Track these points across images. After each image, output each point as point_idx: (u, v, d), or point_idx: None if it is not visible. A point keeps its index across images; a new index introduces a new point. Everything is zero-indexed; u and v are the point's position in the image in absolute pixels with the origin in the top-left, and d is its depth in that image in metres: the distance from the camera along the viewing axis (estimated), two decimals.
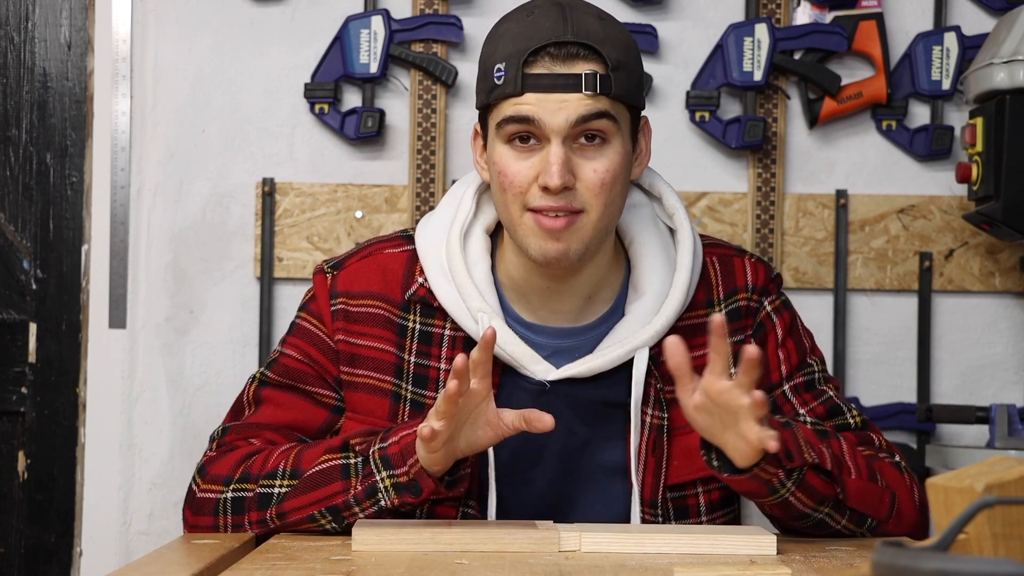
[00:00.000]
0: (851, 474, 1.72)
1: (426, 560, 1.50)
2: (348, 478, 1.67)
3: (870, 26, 2.74)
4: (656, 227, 1.87)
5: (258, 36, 2.76)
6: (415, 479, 1.64)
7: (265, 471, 1.74)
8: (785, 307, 1.91)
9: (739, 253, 1.92)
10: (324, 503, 1.68)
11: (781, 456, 1.61)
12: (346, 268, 1.88)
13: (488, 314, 1.78)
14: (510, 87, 1.71)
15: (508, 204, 1.74)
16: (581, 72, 1.70)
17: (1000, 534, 1.01)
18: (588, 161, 1.72)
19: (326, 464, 1.70)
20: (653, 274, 1.82)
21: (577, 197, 1.72)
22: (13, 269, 2.76)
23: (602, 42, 1.71)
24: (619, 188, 1.75)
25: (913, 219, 2.76)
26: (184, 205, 2.76)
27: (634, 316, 1.81)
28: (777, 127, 2.74)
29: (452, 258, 1.81)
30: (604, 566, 1.47)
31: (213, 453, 1.82)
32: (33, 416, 2.76)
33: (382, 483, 1.65)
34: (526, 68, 1.70)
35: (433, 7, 2.74)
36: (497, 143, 1.75)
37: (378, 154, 2.76)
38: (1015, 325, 2.78)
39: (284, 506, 1.70)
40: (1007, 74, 2.42)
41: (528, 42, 1.71)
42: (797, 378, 1.87)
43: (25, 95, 2.77)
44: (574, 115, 1.69)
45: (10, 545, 2.75)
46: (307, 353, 1.85)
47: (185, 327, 2.75)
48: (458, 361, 1.57)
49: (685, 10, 2.76)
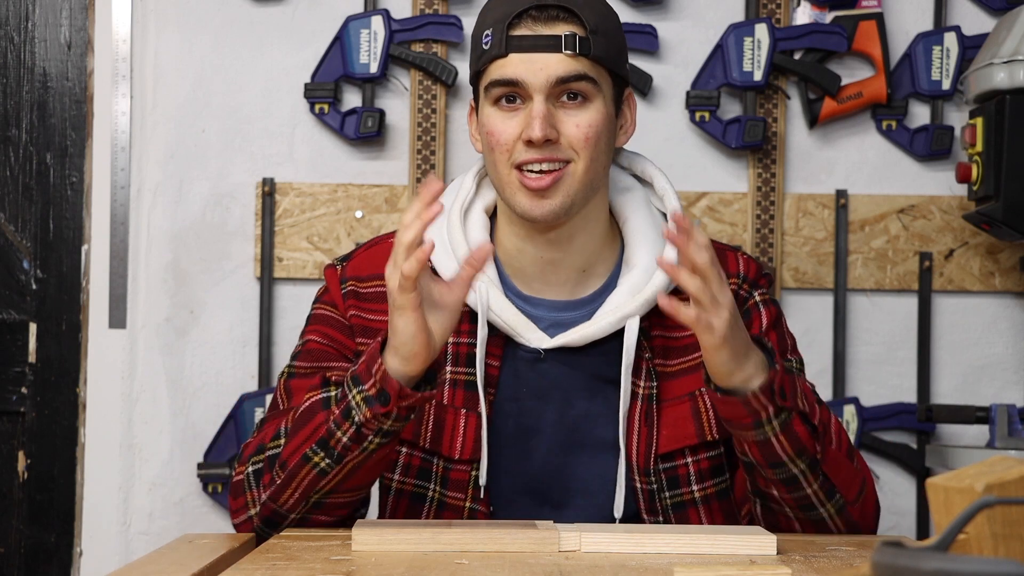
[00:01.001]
0: (832, 443, 1.78)
1: (426, 560, 1.50)
2: (328, 407, 1.71)
3: (870, 26, 2.74)
4: (649, 209, 1.95)
5: (258, 36, 2.76)
6: (381, 385, 1.65)
7: (271, 439, 1.77)
8: (773, 303, 1.98)
9: (733, 249, 2.00)
10: (312, 439, 1.72)
11: (775, 390, 1.66)
12: (353, 259, 1.96)
13: (485, 283, 1.86)
14: (495, 49, 1.81)
15: (497, 163, 1.84)
16: (561, 33, 1.79)
17: (1000, 534, 1.01)
18: (570, 117, 1.81)
19: (309, 401, 1.75)
20: (644, 248, 1.90)
21: (561, 150, 1.81)
22: (13, 269, 2.76)
23: (582, 7, 1.81)
24: (603, 146, 1.84)
25: (913, 219, 2.76)
26: (184, 205, 2.76)
27: (625, 287, 1.88)
28: (777, 127, 2.74)
29: (452, 231, 1.89)
30: (604, 566, 1.47)
31: (251, 440, 1.85)
32: (33, 416, 2.76)
33: (354, 400, 1.68)
34: (510, 31, 1.80)
35: (433, 7, 2.74)
36: (486, 106, 1.85)
37: (378, 154, 2.76)
38: (1015, 325, 2.78)
39: (283, 455, 1.74)
40: (1007, 74, 2.42)
41: (512, 6, 1.81)
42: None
43: (25, 95, 2.77)
44: (554, 75, 1.79)
45: (10, 545, 2.75)
46: (325, 334, 1.92)
47: (185, 327, 2.75)
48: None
49: (685, 10, 2.76)
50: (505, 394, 1.88)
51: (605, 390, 1.89)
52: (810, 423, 1.72)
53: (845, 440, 1.81)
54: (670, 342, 1.90)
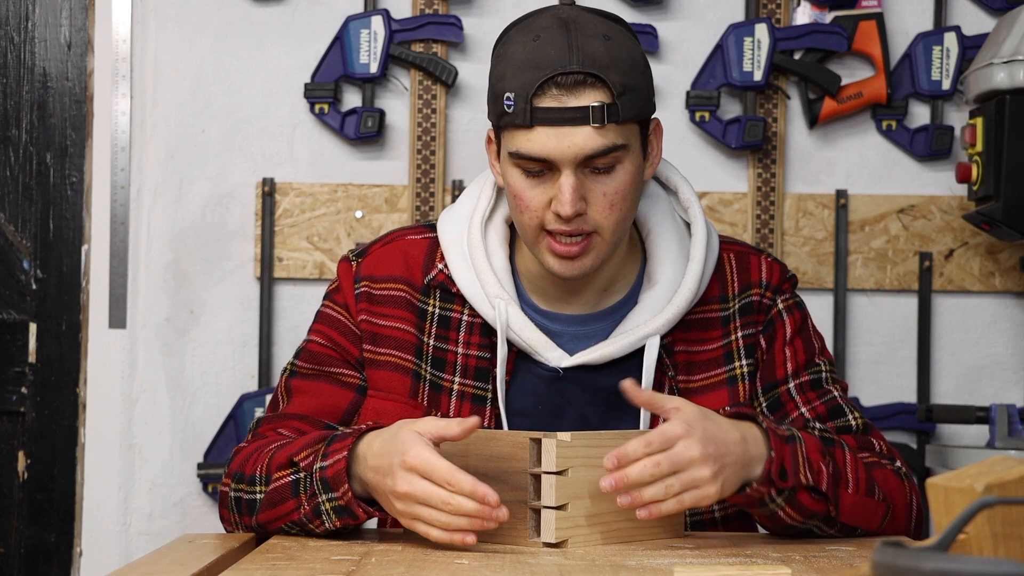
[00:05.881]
0: (848, 487, 1.72)
1: (426, 560, 1.50)
2: (298, 495, 1.68)
3: (870, 26, 2.74)
4: (673, 220, 1.91)
5: (258, 36, 2.76)
6: (347, 505, 1.64)
7: (251, 474, 1.76)
8: (798, 307, 1.92)
9: (756, 252, 1.95)
10: (286, 519, 1.70)
11: (775, 476, 1.63)
12: (369, 255, 1.92)
13: (505, 300, 1.83)
14: (520, 119, 1.74)
15: (524, 225, 1.80)
16: (588, 104, 1.72)
17: (1000, 534, 1.01)
18: (599, 184, 1.76)
19: (279, 482, 1.71)
20: (667, 264, 1.86)
21: (588, 220, 1.76)
22: (13, 269, 2.76)
23: (607, 68, 1.73)
24: (630, 202, 1.79)
25: (913, 219, 2.76)
26: (184, 205, 2.76)
27: (647, 305, 1.85)
28: (777, 127, 2.74)
29: (473, 246, 1.86)
30: (604, 566, 1.47)
31: (245, 444, 1.84)
32: (33, 416, 2.76)
33: (323, 505, 1.66)
34: (535, 101, 1.73)
35: (433, 7, 2.74)
36: (509, 165, 1.79)
37: (378, 154, 2.76)
38: (1015, 325, 2.78)
39: (260, 518, 1.73)
40: (1007, 74, 2.42)
41: (535, 72, 1.73)
42: (803, 376, 1.88)
43: (25, 95, 2.77)
44: (581, 153, 1.73)
45: (10, 545, 2.75)
46: (329, 337, 1.89)
47: (185, 327, 2.75)
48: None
49: (685, 10, 2.77)
50: (518, 409, 1.85)
51: (626, 404, 1.80)
52: (818, 491, 1.68)
53: (863, 473, 1.75)
54: (693, 356, 1.86)
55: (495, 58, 1.81)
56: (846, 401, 1.88)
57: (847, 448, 1.77)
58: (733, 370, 1.86)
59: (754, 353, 1.87)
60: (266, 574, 1.41)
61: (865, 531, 1.75)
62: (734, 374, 1.86)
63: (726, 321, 1.87)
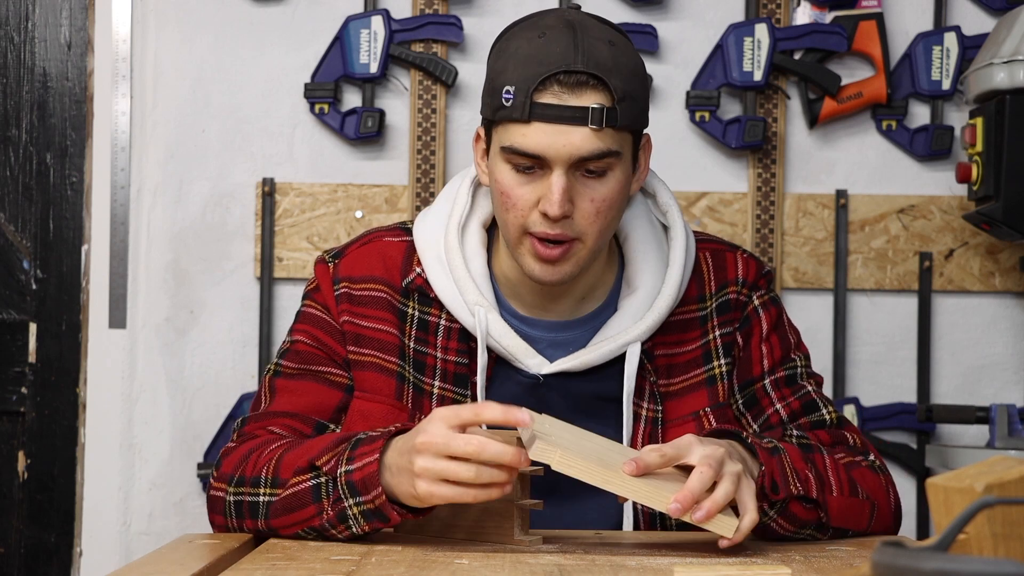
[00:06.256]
0: (833, 491, 1.73)
1: (426, 560, 1.50)
2: (320, 500, 1.66)
3: (870, 26, 2.74)
4: (651, 224, 1.90)
5: (258, 36, 2.76)
6: (380, 508, 1.63)
7: (253, 475, 1.73)
8: (773, 303, 1.93)
9: (732, 248, 1.94)
10: (303, 524, 1.68)
11: (767, 489, 1.63)
12: (346, 256, 1.90)
13: (484, 307, 1.81)
14: (518, 112, 1.73)
15: (508, 223, 1.78)
16: (588, 105, 1.71)
17: (1000, 534, 1.01)
18: (588, 189, 1.75)
19: (298, 487, 1.68)
20: (646, 271, 1.85)
21: (573, 226, 1.75)
22: (13, 269, 2.76)
23: (610, 72, 1.72)
24: (615, 212, 1.78)
25: (913, 219, 2.76)
26: (184, 205, 2.76)
27: (627, 312, 1.84)
28: (777, 127, 2.74)
29: (450, 252, 1.84)
30: (604, 566, 1.47)
31: (232, 444, 1.83)
32: (33, 416, 2.76)
33: (351, 510, 1.64)
34: (535, 96, 1.72)
35: (433, 7, 2.74)
36: (499, 160, 1.77)
37: (378, 154, 2.76)
38: (1015, 325, 2.78)
39: (272, 522, 1.70)
40: (1007, 74, 2.42)
41: (538, 67, 1.72)
42: (778, 372, 1.89)
43: (25, 95, 2.77)
44: (576, 153, 1.72)
45: (10, 545, 2.75)
46: (315, 336, 1.88)
47: (185, 327, 2.75)
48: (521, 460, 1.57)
49: (685, 10, 2.77)
50: None
51: (607, 410, 1.84)
52: (808, 500, 1.69)
53: (843, 475, 1.76)
54: (673, 359, 1.86)
55: (495, 53, 1.80)
56: (820, 396, 1.89)
57: (825, 452, 1.78)
58: (712, 370, 1.86)
59: (732, 351, 1.87)
60: (266, 574, 1.41)
61: (855, 532, 1.76)
62: (713, 374, 1.86)
63: (704, 321, 1.87)
